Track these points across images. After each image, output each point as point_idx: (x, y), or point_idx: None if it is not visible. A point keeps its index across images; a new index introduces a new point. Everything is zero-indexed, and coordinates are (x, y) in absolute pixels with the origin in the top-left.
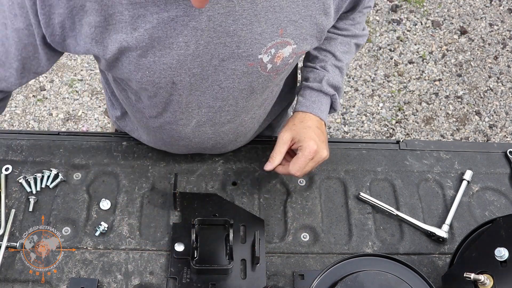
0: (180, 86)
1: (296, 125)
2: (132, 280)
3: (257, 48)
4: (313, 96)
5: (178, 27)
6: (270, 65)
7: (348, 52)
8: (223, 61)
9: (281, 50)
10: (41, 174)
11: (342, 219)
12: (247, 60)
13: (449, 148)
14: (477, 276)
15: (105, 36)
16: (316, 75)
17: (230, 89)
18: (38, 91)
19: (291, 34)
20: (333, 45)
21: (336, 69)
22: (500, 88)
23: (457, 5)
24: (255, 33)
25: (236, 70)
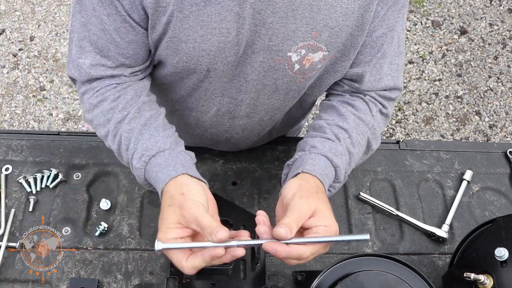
0: (213, 74)
1: (319, 194)
2: (132, 280)
3: (288, 44)
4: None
5: (223, 12)
6: (298, 66)
7: (360, 144)
8: (253, 53)
9: (312, 54)
10: (41, 174)
11: (342, 219)
12: (276, 54)
13: (449, 148)
14: (477, 276)
15: (154, 17)
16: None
17: (254, 82)
18: (38, 91)
19: (325, 40)
20: (350, 124)
21: (348, 153)
22: (500, 88)
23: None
24: (289, 29)
25: (264, 63)
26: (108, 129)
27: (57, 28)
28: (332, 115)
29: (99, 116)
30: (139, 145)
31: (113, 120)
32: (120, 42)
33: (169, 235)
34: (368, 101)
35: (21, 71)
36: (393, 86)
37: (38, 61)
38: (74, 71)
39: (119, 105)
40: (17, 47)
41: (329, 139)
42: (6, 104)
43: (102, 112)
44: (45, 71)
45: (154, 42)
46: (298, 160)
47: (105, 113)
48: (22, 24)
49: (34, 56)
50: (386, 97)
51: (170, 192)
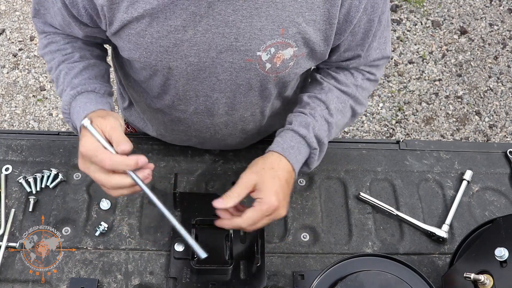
0: (176, 73)
1: (265, 170)
2: (132, 280)
3: (256, 44)
4: (294, 141)
5: (177, 10)
6: (269, 65)
7: (341, 111)
8: (220, 53)
9: (282, 51)
10: (41, 174)
11: (342, 219)
12: (245, 55)
13: (449, 148)
14: (477, 276)
15: (110, 14)
16: (303, 120)
17: (227, 82)
18: (38, 91)
19: (293, 36)
20: (329, 96)
21: (325, 123)
22: (500, 88)
23: (457, 5)
24: (255, 27)
25: (234, 64)
26: (52, 65)
27: None
28: (314, 88)
29: (47, 54)
30: (77, 81)
31: (58, 58)
32: (63, 18)
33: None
34: (354, 71)
35: (21, 71)
36: (381, 57)
37: (38, 61)
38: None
39: (67, 49)
40: (17, 47)
41: (303, 113)
42: (6, 104)
43: (50, 51)
44: (45, 71)
45: (114, 37)
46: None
47: (52, 52)
48: (22, 24)
49: (34, 56)
50: (374, 66)
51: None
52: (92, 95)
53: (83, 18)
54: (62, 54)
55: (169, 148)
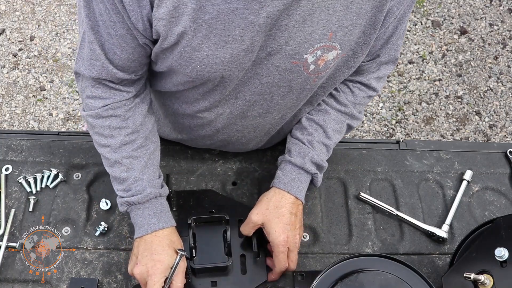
0: (227, 80)
1: (269, 210)
2: (132, 280)
3: (304, 47)
4: (293, 173)
5: (236, 20)
6: (313, 67)
7: (339, 132)
8: (269, 55)
9: (326, 54)
10: (41, 174)
11: (342, 219)
12: (292, 58)
13: (449, 148)
14: (477, 276)
15: (166, 29)
16: (300, 150)
17: (269, 85)
18: (38, 91)
19: (339, 39)
20: (326, 120)
21: (323, 147)
22: (500, 88)
23: (457, 5)
24: (306, 32)
25: (280, 67)
26: (110, 144)
27: (57, 28)
28: (314, 110)
29: (104, 127)
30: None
31: (119, 139)
32: (125, 47)
33: None
34: (356, 90)
35: (21, 71)
36: (387, 61)
37: (38, 61)
38: (83, 68)
39: (128, 128)
40: (17, 47)
41: (301, 141)
42: (6, 104)
43: (109, 127)
44: (45, 71)
45: (163, 52)
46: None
47: (112, 129)
48: (22, 24)
49: (34, 56)
50: (377, 78)
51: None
52: (158, 205)
53: (147, 32)
54: (123, 134)
55: (169, 148)
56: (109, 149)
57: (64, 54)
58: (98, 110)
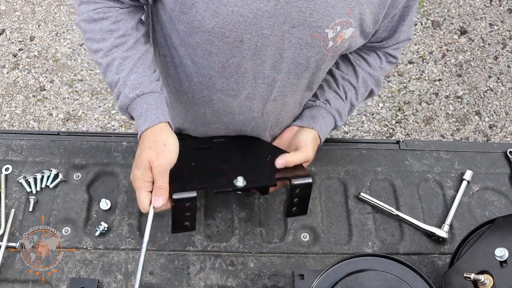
0: (245, 47)
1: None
2: (132, 280)
3: (327, 20)
4: (329, 125)
5: None
6: (332, 43)
7: (363, 95)
8: (293, 27)
9: (344, 30)
10: (41, 174)
11: (342, 219)
12: (315, 31)
13: (449, 148)
14: (477, 276)
15: None
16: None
17: (288, 61)
18: (38, 91)
19: (355, 16)
20: (359, 83)
21: (350, 105)
22: (500, 88)
23: (457, 5)
24: (329, 4)
25: (301, 40)
26: (102, 47)
27: (57, 28)
28: (348, 69)
29: (96, 31)
30: (133, 77)
31: (110, 41)
32: None
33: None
34: (381, 55)
35: (21, 71)
36: (406, 38)
37: (38, 61)
38: None
39: (119, 31)
40: (17, 47)
41: (340, 97)
42: (6, 104)
43: (101, 30)
44: (45, 71)
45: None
46: (314, 110)
47: (103, 32)
48: (22, 24)
49: (34, 56)
50: (397, 48)
51: (155, 137)
52: (151, 99)
53: None
54: (114, 36)
55: None
56: (101, 53)
57: (64, 54)
58: (90, 13)
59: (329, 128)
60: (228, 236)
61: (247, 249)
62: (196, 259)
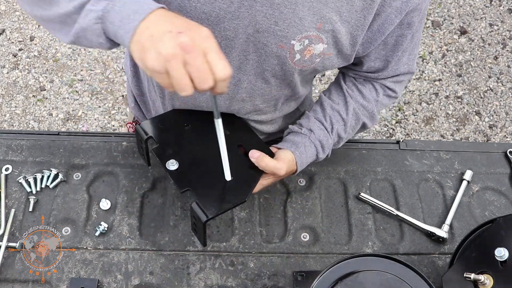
0: None
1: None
2: (132, 280)
3: (293, 32)
4: (310, 156)
5: None
6: (299, 56)
7: (353, 128)
8: (257, 32)
9: (313, 45)
10: (41, 174)
11: (342, 219)
12: (280, 40)
13: (449, 148)
14: (477, 276)
15: None
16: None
17: (254, 64)
18: (38, 91)
19: (327, 32)
20: (349, 115)
21: (337, 138)
22: (500, 88)
23: (457, 5)
24: (296, 16)
25: (266, 46)
26: None
27: None
28: (339, 99)
29: None
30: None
31: None
32: None
33: None
34: (378, 87)
35: (21, 71)
36: (407, 72)
37: (38, 61)
38: None
39: None
40: (17, 47)
41: (325, 128)
42: (6, 104)
43: None
44: (45, 71)
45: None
46: (297, 136)
47: None
48: (22, 24)
49: (34, 56)
50: (398, 82)
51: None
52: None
53: None
54: None
55: None
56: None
57: (64, 54)
58: None
59: (309, 159)
60: (228, 236)
61: (247, 249)
62: (196, 259)
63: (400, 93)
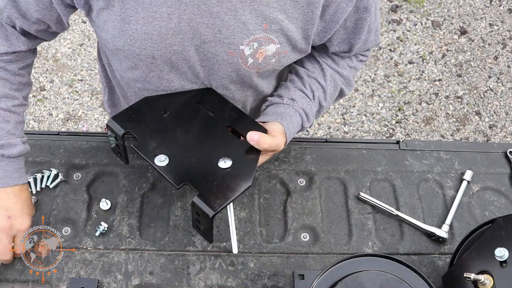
0: (160, 62)
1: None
2: (132, 280)
3: (239, 37)
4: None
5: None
6: (252, 60)
7: (332, 95)
8: (204, 43)
9: (264, 47)
10: (41, 174)
11: (342, 219)
12: (228, 48)
13: (449, 148)
14: (477, 276)
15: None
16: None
17: (210, 73)
18: (38, 91)
19: (275, 31)
20: (327, 81)
21: (318, 105)
22: (500, 88)
23: (457, 5)
24: (239, 21)
25: (217, 55)
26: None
27: None
28: (314, 67)
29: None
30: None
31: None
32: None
33: None
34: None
35: None
36: (375, 45)
37: (38, 61)
38: None
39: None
40: None
41: (307, 96)
42: None
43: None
44: (45, 71)
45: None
46: (280, 107)
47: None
48: None
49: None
50: (366, 50)
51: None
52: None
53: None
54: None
55: None
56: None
57: (64, 54)
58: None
59: (296, 129)
60: (228, 236)
61: (247, 249)
62: (196, 259)
63: (369, 55)
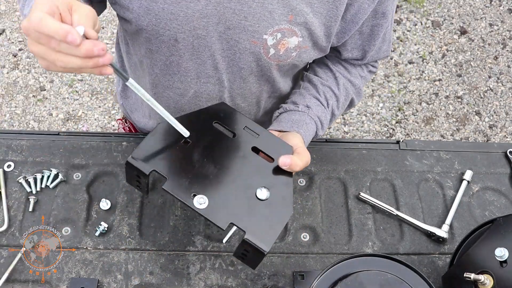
0: (181, 46)
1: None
2: (132, 280)
3: (264, 26)
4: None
5: None
6: (273, 51)
7: (344, 105)
8: (228, 29)
9: (287, 39)
10: (41, 174)
11: (342, 219)
12: (252, 36)
13: (449, 148)
14: (477, 276)
15: None
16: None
17: (230, 62)
18: (38, 91)
19: (299, 24)
20: (341, 90)
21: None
22: (500, 88)
23: (457, 5)
24: (266, 9)
25: (239, 43)
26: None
27: None
28: (327, 76)
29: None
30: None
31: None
32: None
33: None
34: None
35: (21, 71)
36: (386, 56)
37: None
38: None
39: None
40: (17, 47)
41: (322, 104)
42: (6, 104)
43: None
44: (45, 71)
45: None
46: (295, 114)
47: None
48: None
49: (34, 56)
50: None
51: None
52: None
53: None
54: None
55: None
56: None
57: None
58: None
59: (311, 137)
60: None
61: None
62: (196, 259)
63: (378, 68)
